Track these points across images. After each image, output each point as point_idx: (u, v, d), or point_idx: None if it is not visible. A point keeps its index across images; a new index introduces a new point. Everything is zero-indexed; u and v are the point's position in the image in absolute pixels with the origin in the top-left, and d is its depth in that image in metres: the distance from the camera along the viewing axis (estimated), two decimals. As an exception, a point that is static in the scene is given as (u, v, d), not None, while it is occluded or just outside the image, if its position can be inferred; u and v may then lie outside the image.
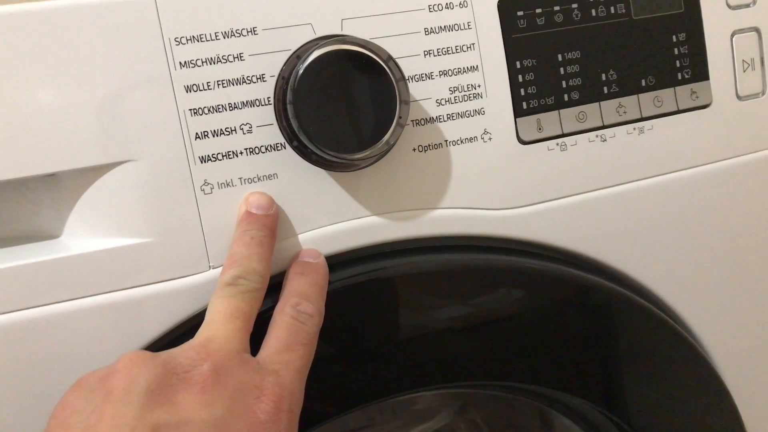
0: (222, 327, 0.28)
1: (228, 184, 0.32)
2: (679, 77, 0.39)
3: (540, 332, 0.37)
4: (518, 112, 0.36)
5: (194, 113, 0.31)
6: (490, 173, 0.36)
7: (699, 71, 0.39)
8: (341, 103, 0.31)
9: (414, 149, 0.35)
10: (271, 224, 0.32)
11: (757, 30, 0.40)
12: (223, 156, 0.32)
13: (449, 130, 0.35)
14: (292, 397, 0.28)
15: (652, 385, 0.40)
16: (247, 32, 0.32)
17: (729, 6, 0.39)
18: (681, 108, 0.39)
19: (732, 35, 0.40)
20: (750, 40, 0.40)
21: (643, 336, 0.40)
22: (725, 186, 0.40)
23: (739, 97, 0.40)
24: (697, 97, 0.39)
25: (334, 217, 0.34)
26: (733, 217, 0.41)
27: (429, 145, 0.35)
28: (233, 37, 0.32)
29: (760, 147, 0.41)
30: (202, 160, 0.32)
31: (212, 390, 0.26)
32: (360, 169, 0.34)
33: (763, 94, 0.41)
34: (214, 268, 0.32)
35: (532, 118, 0.36)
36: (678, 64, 0.38)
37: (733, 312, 0.42)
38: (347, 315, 0.35)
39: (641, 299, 0.39)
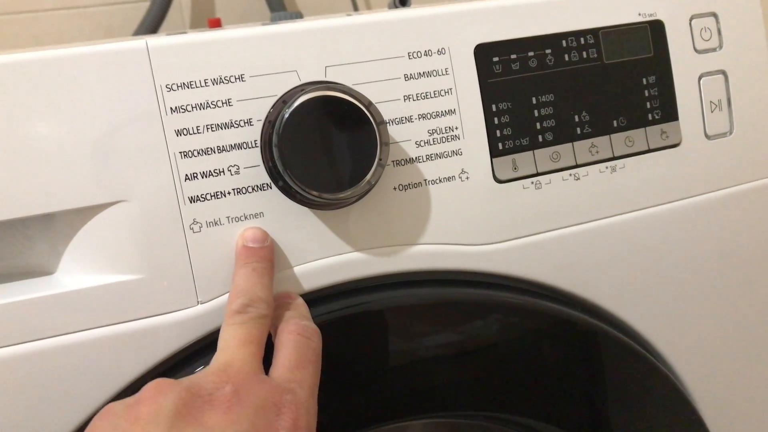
0: (238, 352, 0.30)
1: (216, 223, 0.33)
2: (650, 118, 0.40)
3: (517, 363, 0.39)
4: (494, 153, 0.38)
5: (184, 156, 0.33)
6: (468, 211, 0.38)
7: (668, 112, 0.41)
8: (324, 146, 0.33)
9: (395, 188, 0.36)
10: (269, 255, 0.34)
11: (723, 72, 0.42)
12: (211, 196, 0.33)
13: (428, 170, 0.37)
14: (309, 413, 0.29)
15: (628, 416, 0.42)
16: (236, 79, 0.34)
17: (696, 50, 0.41)
18: (652, 147, 0.40)
19: (699, 78, 0.41)
20: (717, 83, 0.42)
21: (619, 367, 0.41)
22: (695, 221, 0.42)
23: (707, 137, 0.42)
24: (667, 136, 0.41)
25: (317, 253, 0.35)
26: (703, 251, 0.43)
27: (409, 184, 0.36)
28: (222, 83, 0.33)
29: (728, 184, 0.42)
30: (192, 200, 0.33)
31: (236, 409, 0.27)
32: (342, 207, 0.35)
33: (731, 133, 0.42)
34: (202, 304, 0.34)
35: (507, 158, 0.38)
36: (648, 106, 0.40)
37: (706, 342, 0.44)
38: (331, 348, 0.36)
39: (616, 331, 0.40)
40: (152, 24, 0.82)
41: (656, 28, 0.40)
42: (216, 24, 0.67)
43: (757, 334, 0.46)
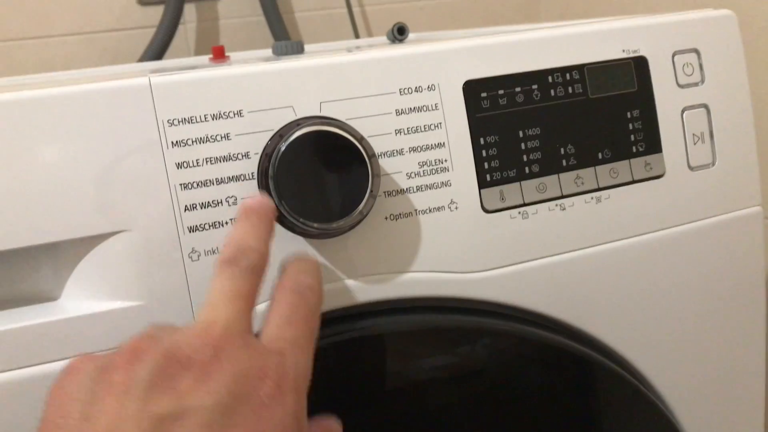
0: (224, 309, 0.28)
1: (214, 252, 0.35)
2: (634, 150, 0.42)
3: (504, 389, 0.40)
4: (482, 184, 0.39)
5: (184, 188, 0.35)
6: (457, 239, 0.39)
7: (652, 144, 0.42)
8: (318, 178, 0.35)
9: (386, 218, 0.38)
10: (269, 212, 0.32)
11: (705, 106, 0.43)
12: (209, 226, 0.35)
13: (418, 201, 0.38)
14: (298, 376, 0.28)
15: (614, 438, 0.43)
16: (234, 114, 0.35)
17: (679, 85, 0.43)
18: (636, 178, 0.42)
19: (682, 111, 0.43)
20: (699, 116, 0.43)
21: (606, 393, 0.42)
22: (679, 250, 0.43)
23: (690, 168, 0.43)
24: (651, 168, 0.42)
25: (311, 280, 0.37)
26: (687, 279, 0.44)
27: (400, 214, 0.38)
28: (221, 119, 0.35)
29: (711, 214, 0.44)
30: (191, 230, 0.35)
31: (216, 375, 0.25)
32: (336, 237, 0.37)
33: (713, 165, 0.44)
34: (199, 329, 0.35)
35: (495, 189, 0.39)
36: (632, 138, 0.42)
37: (691, 369, 0.45)
38: (323, 373, 0.37)
39: (602, 357, 0.42)
40: (158, 50, 0.84)
41: (640, 64, 0.42)
42: (219, 52, 0.69)
43: (740, 361, 0.47)
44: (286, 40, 0.87)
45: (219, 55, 0.69)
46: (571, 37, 0.41)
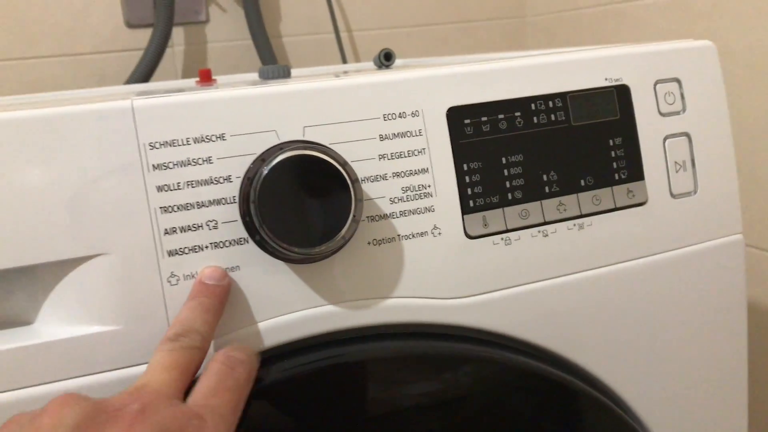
0: (157, 375, 0.30)
1: (193, 276, 0.34)
2: (616, 177, 0.42)
3: (487, 416, 0.40)
4: (465, 210, 0.39)
5: (164, 211, 0.34)
6: (440, 265, 0.39)
7: (634, 172, 0.43)
8: (300, 202, 0.34)
9: (369, 243, 0.38)
10: (221, 294, 0.34)
11: (687, 135, 0.44)
12: (189, 250, 0.35)
13: (401, 226, 0.38)
14: None
15: (598, 467, 0.42)
16: (216, 138, 0.35)
17: (661, 113, 0.43)
18: (618, 206, 0.42)
19: (664, 139, 0.43)
20: (681, 144, 0.44)
21: (588, 421, 0.42)
22: (661, 277, 0.43)
23: (672, 196, 0.43)
24: (633, 195, 0.42)
25: (293, 306, 0.36)
26: (670, 307, 0.44)
27: (383, 239, 0.38)
28: (203, 142, 0.35)
29: (693, 241, 0.44)
30: (170, 253, 0.34)
31: (138, 426, 0.27)
32: (318, 261, 0.36)
33: (695, 192, 0.44)
34: (177, 354, 0.34)
35: (478, 215, 0.39)
36: (615, 166, 0.42)
37: (674, 397, 0.45)
38: (303, 399, 0.37)
39: (585, 385, 0.41)
40: (144, 73, 0.84)
41: (622, 93, 0.42)
42: (206, 75, 0.69)
43: (723, 389, 0.47)
44: (273, 64, 0.88)
45: (205, 78, 0.69)
46: (554, 66, 0.41)
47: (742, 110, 0.70)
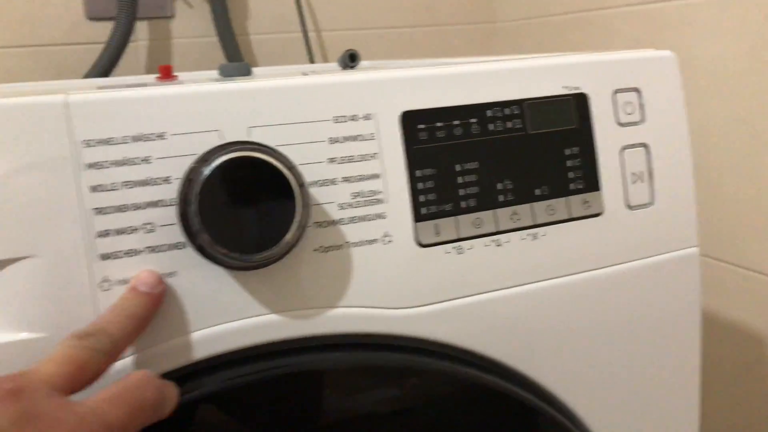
0: (49, 366, 0.28)
1: (127, 282, 0.33)
2: (572, 187, 0.41)
3: (434, 431, 0.38)
4: (417, 217, 0.38)
5: (98, 212, 0.33)
6: (390, 274, 0.38)
7: (591, 182, 0.42)
8: (243, 206, 0.33)
9: (315, 250, 0.36)
10: (151, 302, 0.33)
11: (645, 146, 0.43)
12: (124, 254, 0.33)
13: (351, 233, 0.37)
14: None
15: (548, 482, 0.41)
16: (156, 137, 0.34)
17: (619, 123, 0.43)
18: (573, 216, 0.41)
19: (622, 150, 0.43)
20: (639, 155, 0.43)
21: (539, 433, 0.41)
22: (616, 289, 0.43)
23: (629, 207, 0.43)
24: (589, 206, 0.42)
25: (233, 314, 0.35)
26: (625, 319, 0.43)
27: (331, 246, 0.37)
28: (141, 141, 0.33)
29: (648, 254, 0.43)
30: (103, 257, 0.33)
31: (4, 405, 0.25)
32: (261, 268, 0.35)
33: (652, 204, 0.44)
34: (109, 363, 0.33)
35: (430, 223, 0.38)
36: (571, 176, 0.41)
37: (625, 410, 0.44)
38: (244, 412, 0.35)
39: (535, 398, 0.41)
40: (105, 67, 0.82)
41: (580, 101, 0.42)
42: (166, 71, 0.67)
43: (677, 401, 0.46)
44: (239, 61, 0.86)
45: (166, 74, 0.67)
46: (511, 72, 0.40)
47: (706, 120, 0.70)
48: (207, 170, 0.33)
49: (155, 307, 0.33)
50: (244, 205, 0.33)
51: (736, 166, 0.67)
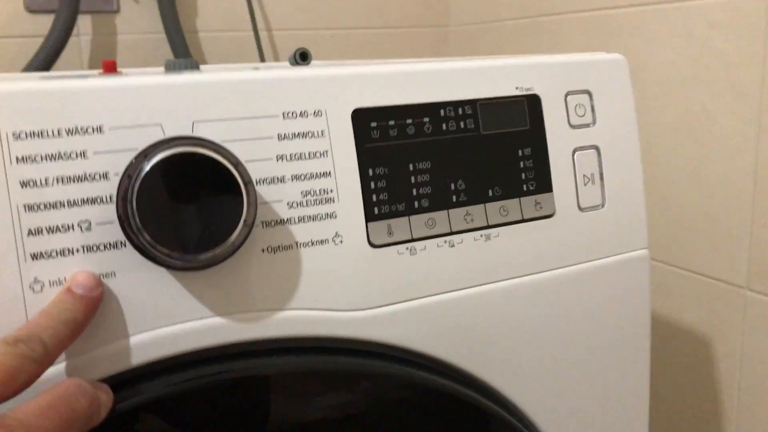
0: None
1: (59, 283, 0.31)
2: (525, 188, 0.41)
3: (385, 435, 0.38)
4: (369, 217, 0.37)
5: (29, 209, 0.31)
6: (341, 275, 0.37)
7: (543, 183, 0.42)
8: (186, 204, 0.31)
9: (263, 250, 0.35)
10: (88, 306, 0.31)
11: (596, 148, 0.43)
12: (57, 253, 0.31)
13: (300, 233, 0.36)
14: None
15: (500, 486, 0.41)
16: (93, 130, 0.32)
17: (571, 125, 0.43)
18: (526, 217, 0.41)
19: (573, 152, 0.43)
20: (590, 157, 0.43)
21: (491, 437, 0.40)
22: (568, 291, 0.43)
23: (580, 209, 0.43)
24: (541, 207, 0.42)
25: (175, 317, 0.33)
26: (576, 321, 0.43)
27: (279, 247, 0.35)
28: (77, 134, 0.31)
29: (599, 255, 0.43)
30: (34, 257, 0.31)
31: None
32: (205, 269, 0.34)
33: (603, 206, 0.44)
34: (39, 370, 0.31)
35: (383, 223, 0.37)
36: (523, 177, 0.41)
37: (576, 412, 0.44)
38: (188, 419, 0.34)
39: (490, 402, 0.40)
40: (45, 61, 0.79)
41: (533, 103, 0.41)
42: (110, 66, 0.64)
43: (626, 402, 0.46)
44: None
45: (110, 69, 0.64)
46: (465, 72, 0.40)
47: (652, 125, 0.71)
48: (147, 166, 0.31)
49: (92, 312, 0.31)
50: (187, 203, 0.31)
51: (681, 170, 0.69)
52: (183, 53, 0.86)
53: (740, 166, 0.63)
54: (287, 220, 0.35)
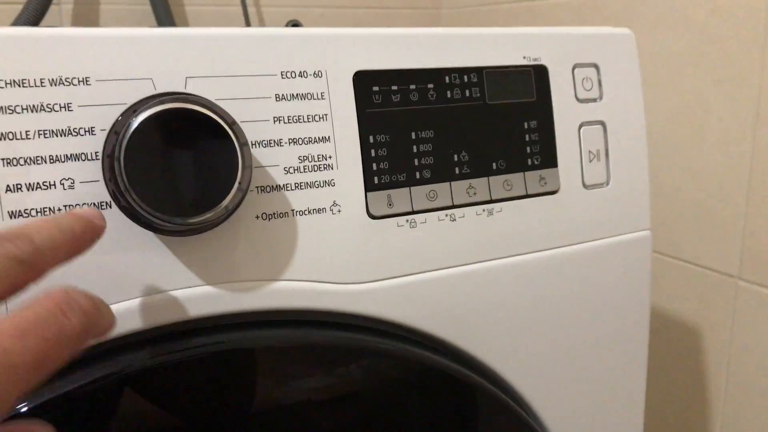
0: None
1: (39, 244, 0.29)
2: (529, 163, 0.40)
3: (381, 415, 0.36)
4: (369, 187, 0.35)
5: (7, 163, 0.28)
6: (338, 246, 0.35)
7: (548, 158, 0.40)
8: (178, 164, 0.29)
9: (257, 217, 0.33)
10: (87, 227, 0.26)
11: (602, 123, 0.42)
12: (37, 212, 0.29)
13: (297, 200, 0.34)
14: None
15: (495, 470, 0.40)
16: (79, 81, 0.30)
17: (578, 99, 0.41)
18: (530, 193, 0.40)
19: (580, 127, 0.41)
20: (596, 133, 0.42)
21: (488, 422, 0.39)
22: (570, 270, 0.41)
23: (585, 186, 0.42)
24: (545, 183, 0.40)
25: (162, 285, 0.31)
26: (578, 301, 0.42)
27: (274, 214, 0.33)
28: (62, 85, 0.29)
29: (602, 235, 0.42)
30: (12, 215, 0.28)
31: None
32: (196, 234, 0.32)
33: (607, 184, 0.42)
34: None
35: (383, 193, 0.36)
36: (528, 150, 0.40)
37: (578, 397, 0.43)
38: (176, 392, 0.32)
39: (487, 383, 0.39)
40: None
41: (540, 73, 0.40)
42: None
43: (623, 385, 0.45)
44: (172, 32, 0.81)
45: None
46: (471, 38, 0.38)
47: (647, 111, 0.70)
48: (136, 122, 0.29)
49: (92, 236, 0.27)
50: (179, 164, 0.29)
51: (675, 158, 0.68)
52: (166, 21, 0.83)
53: (736, 154, 0.62)
54: (283, 186, 0.34)
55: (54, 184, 0.29)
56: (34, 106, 0.29)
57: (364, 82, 0.35)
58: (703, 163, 0.65)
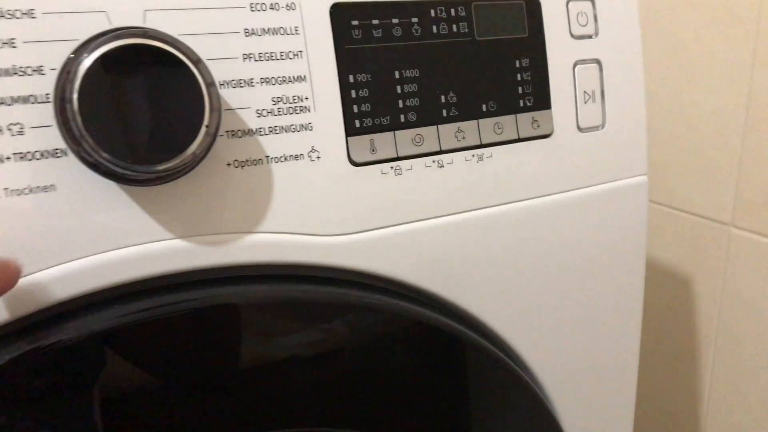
0: None
1: (-14, 196, 0.26)
2: (521, 104, 0.37)
3: (368, 372, 0.34)
4: (350, 131, 0.33)
5: (-55, 107, 0.26)
6: (317, 195, 0.33)
7: (541, 99, 0.38)
8: (138, 106, 0.27)
9: (229, 164, 0.31)
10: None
11: (598, 62, 0.39)
12: (-18, 161, 0.26)
13: (271, 145, 0.31)
14: None
15: (486, 426, 0.38)
16: (22, 14, 0.26)
17: (572, 35, 0.39)
18: (522, 136, 0.37)
19: (574, 65, 0.39)
20: (591, 72, 0.39)
21: (479, 376, 0.38)
22: (563, 218, 0.39)
23: (579, 129, 0.39)
24: (538, 126, 0.38)
25: (127, 239, 0.29)
26: (569, 250, 0.40)
27: (247, 161, 0.31)
28: (2, 18, 0.26)
29: (597, 181, 0.40)
30: (-47, 164, 0.26)
31: None
32: (161, 184, 0.29)
33: (603, 127, 0.40)
34: (-35, 297, 0.26)
35: (365, 138, 0.33)
36: (521, 91, 0.37)
37: (570, 348, 0.42)
38: (153, 350, 0.30)
39: (477, 336, 0.37)
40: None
41: (532, 7, 0.37)
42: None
43: (623, 339, 0.44)
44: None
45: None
46: (458, -32, 0.35)
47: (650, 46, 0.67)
48: (89, 60, 0.26)
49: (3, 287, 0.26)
50: (139, 107, 0.27)
51: (667, 101, 0.66)
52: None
53: (732, 97, 0.60)
54: (256, 130, 0.31)
55: (1, 130, 0.26)
56: (-28, 42, 0.26)
57: (343, 15, 0.32)
58: (697, 106, 0.63)
